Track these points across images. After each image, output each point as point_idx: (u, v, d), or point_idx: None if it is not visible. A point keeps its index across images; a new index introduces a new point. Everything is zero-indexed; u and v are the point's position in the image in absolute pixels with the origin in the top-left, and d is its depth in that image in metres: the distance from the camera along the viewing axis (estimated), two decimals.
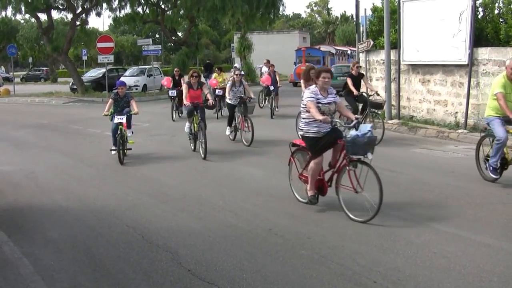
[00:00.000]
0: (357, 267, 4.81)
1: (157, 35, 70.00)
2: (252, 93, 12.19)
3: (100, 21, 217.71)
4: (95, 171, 9.47)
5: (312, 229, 5.90)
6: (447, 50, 12.67)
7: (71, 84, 30.24)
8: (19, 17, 45.82)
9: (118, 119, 9.91)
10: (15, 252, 5.45)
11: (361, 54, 16.37)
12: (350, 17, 74.24)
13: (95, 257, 5.28)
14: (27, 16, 33.44)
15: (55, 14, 39.87)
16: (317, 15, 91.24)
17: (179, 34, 37.99)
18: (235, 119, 12.03)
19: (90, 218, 6.60)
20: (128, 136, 10.06)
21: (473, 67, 12.20)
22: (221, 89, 17.09)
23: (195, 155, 10.43)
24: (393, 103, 14.52)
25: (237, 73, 12.22)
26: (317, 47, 41.95)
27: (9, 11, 30.34)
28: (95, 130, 14.52)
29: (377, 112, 11.73)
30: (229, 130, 12.18)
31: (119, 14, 30.43)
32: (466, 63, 12.26)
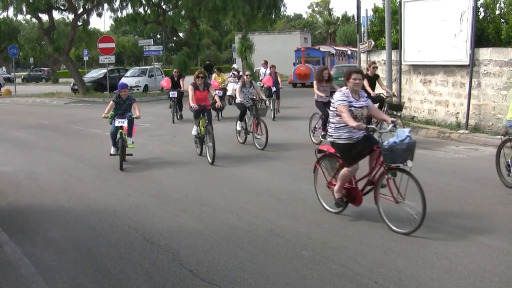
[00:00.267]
0: (358, 267, 4.81)
1: (158, 36, 70.16)
2: (263, 95, 11.85)
3: (101, 22, 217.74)
4: (96, 172, 9.46)
5: (313, 230, 5.90)
6: (448, 50, 12.67)
7: (72, 84, 30.24)
8: (20, 17, 45.77)
9: (119, 123, 9.55)
10: (16, 252, 5.45)
11: (362, 54, 16.38)
12: (351, 18, 74.42)
13: (97, 258, 5.28)
14: (29, 16, 33.42)
15: (56, 14, 39.83)
16: (318, 16, 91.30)
17: (180, 34, 37.89)
18: (246, 121, 11.64)
19: (91, 218, 6.60)
20: (128, 142, 9.72)
21: (474, 67, 12.19)
22: (220, 89, 17.11)
23: (201, 159, 10.11)
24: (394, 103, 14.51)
25: (247, 74, 11.91)
26: (317, 47, 41.76)
27: (10, 12, 30.26)
28: (96, 130, 14.51)
29: (396, 113, 11.55)
30: (240, 125, 11.70)
31: (120, 14, 30.49)
32: (467, 63, 12.26)
